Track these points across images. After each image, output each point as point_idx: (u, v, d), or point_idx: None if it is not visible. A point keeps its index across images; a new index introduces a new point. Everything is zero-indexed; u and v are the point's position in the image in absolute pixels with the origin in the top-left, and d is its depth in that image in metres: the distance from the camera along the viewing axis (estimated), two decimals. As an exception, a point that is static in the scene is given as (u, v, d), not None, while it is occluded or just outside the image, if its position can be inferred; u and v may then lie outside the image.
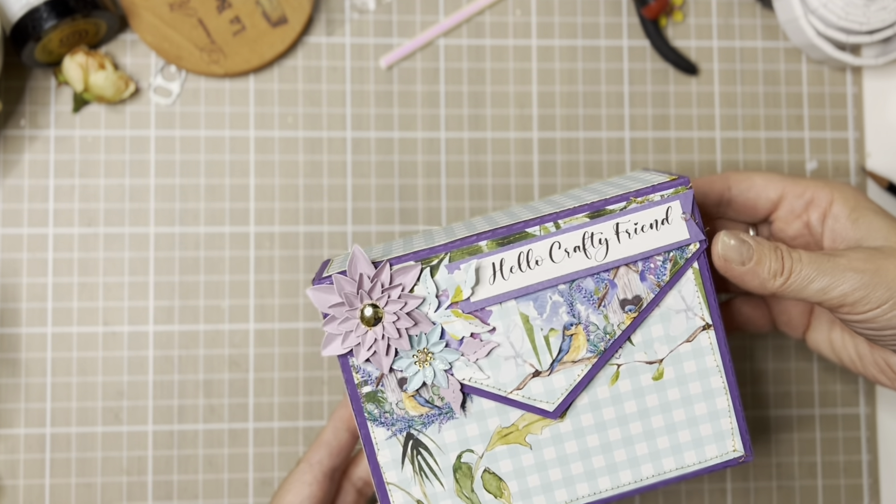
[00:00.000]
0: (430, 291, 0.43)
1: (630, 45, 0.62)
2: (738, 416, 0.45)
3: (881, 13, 0.59)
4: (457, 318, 0.44)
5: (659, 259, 0.44)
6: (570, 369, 0.44)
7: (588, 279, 0.44)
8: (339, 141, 0.60)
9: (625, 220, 0.44)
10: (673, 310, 0.45)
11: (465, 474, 0.45)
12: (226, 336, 0.59)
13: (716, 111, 0.63)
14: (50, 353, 0.58)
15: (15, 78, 0.59)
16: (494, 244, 0.43)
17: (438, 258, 0.43)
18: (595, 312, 0.44)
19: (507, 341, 0.44)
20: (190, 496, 0.58)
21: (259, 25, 0.59)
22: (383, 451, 0.45)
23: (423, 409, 0.44)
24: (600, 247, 0.44)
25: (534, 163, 0.61)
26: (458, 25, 0.62)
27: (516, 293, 0.44)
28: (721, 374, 0.45)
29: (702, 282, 0.45)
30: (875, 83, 0.64)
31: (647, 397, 0.45)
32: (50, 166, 0.59)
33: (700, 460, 0.45)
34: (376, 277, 0.43)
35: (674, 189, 0.44)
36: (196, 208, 0.59)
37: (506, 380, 0.44)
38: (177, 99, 0.60)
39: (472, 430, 0.45)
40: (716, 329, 0.45)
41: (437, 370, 0.44)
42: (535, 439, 0.45)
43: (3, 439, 0.57)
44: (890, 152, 0.63)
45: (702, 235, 0.44)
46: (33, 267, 0.58)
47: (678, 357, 0.45)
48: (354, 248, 0.42)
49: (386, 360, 0.43)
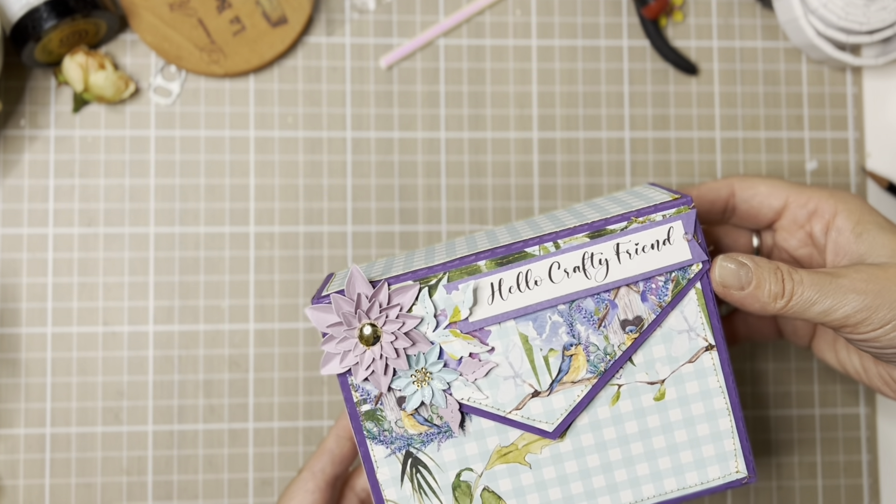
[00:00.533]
0: (429, 311, 0.43)
1: (630, 45, 0.62)
2: (742, 437, 0.45)
3: (881, 13, 0.59)
4: (455, 338, 0.43)
5: (661, 279, 0.44)
6: (570, 390, 0.44)
7: (588, 299, 0.43)
8: (340, 141, 0.60)
9: (625, 240, 0.43)
10: (675, 330, 0.44)
11: (464, 493, 0.45)
12: (226, 336, 0.59)
13: (716, 111, 0.63)
14: (50, 353, 0.58)
15: (15, 78, 0.59)
16: (493, 264, 0.43)
17: (437, 278, 0.43)
18: (595, 333, 0.44)
19: (505, 361, 0.44)
20: (190, 496, 0.58)
21: (259, 25, 0.59)
22: (382, 468, 0.45)
23: (422, 428, 0.44)
24: (600, 267, 0.43)
25: (534, 163, 0.61)
26: (458, 25, 0.62)
27: (515, 313, 0.43)
28: (724, 394, 0.45)
29: (704, 302, 0.44)
30: (875, 83, 0.64)
31: (649, 418, 0.44)
32: (50, 166, 0.59)
33: (702, 481, 0.45)
34: (374, 297, 0.42)
35: (676, 209, 0.43)
36: (196, 208, 0.59)
37: (505, 400, 0.44)
38: (177, 99, 0.60)
39: (472, 448, 0.44)
40: (719, 350, 0.44)
41: (436, 390, 0.43)
42: (534, 458, 0.44)
43: (3, 439, 0.57)
44: (890, 152, 0.63)
45: (704, 256, 0.43)
46: (33, 267, 0.58)
47: (680, 378, 0.44)
48: (352, 268, 0.42)
49: (384, 379, 0.43)
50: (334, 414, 0.59)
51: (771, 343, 0.61)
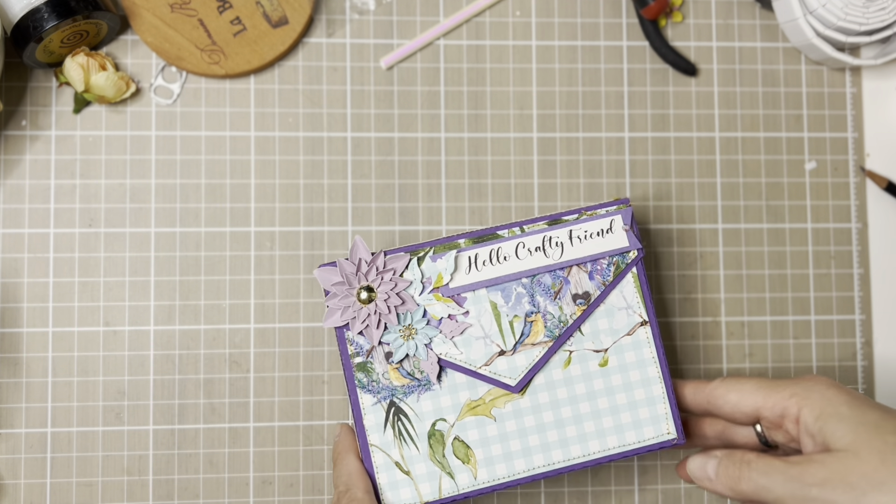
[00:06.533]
0: (417, 277, 0.51)
1: (629, 45, 0.63)
2: (672, 403, 0.52)
3: (880, 13, 0.59)
4: (437, 301, 0.51)
5: (604, 262, 0.53)
6: (530, 350, 0.52)
7: (546, 275, 0.52)
8: (340, 141, 0.61)
9: (577, 227, 0.53)
10: (616, 307, 0.53)
11: (437, 440, 0.51)
12: (226, 336, 0.59)
13: (715, 111, 0.63)
14: (51, 352, 0.58)
15: (16, 78, 0.59)
16: (471, 242, 0.52)
17: (425, 251, 0.52)
18: (552, 303, 0.52)
19: (478, 323, 0.52)
20: (190, 495, 0.58)
21: (260, 26, 0.59)
22: (369, 415, 0.51)
23: (405, 381, 0.51)
24: (557, 248, 0.52)
25: (534, 163, 0.61)
26: (458, 26, 0.62)
27: (487, 283, 0.52)
28: (656, 364, 0.53)
29: (640, 284, 0.53)
30: (874, 83, 0.64)
31: (595, 381, 0.52)
32: (51, 166, 0.59)
33: (639, 440, 0.52)
34: (373, 262, 0.51)
35: (616, 206, 0.53)
36: (197, 208, 0.60)
37: (476, 356, 0.52)
38: (177, 99, 0.60)
39: (446, 401, 0.51)
40: (651, 325, 0.53)
41: (419, 344, 0.51)
42: (499, 412, 0.51)
43: (5, 438, 0.58)
44: (889, 152, 0.64)
45: (639, 244, 0.53)
46: (34, 267, 0.58)
47: (620, 348, 0.52)
48: (356, 238, 0.51)
49: (376, 332, 0.51)
50: (334, 414, 0.59)
51: (771, 343, 0.61)
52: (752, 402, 0.50)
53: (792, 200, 0.63)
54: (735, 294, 0.62)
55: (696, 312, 0.62)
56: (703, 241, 0.62)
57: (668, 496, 0.61)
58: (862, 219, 0.63)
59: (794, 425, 0.49)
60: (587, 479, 0.60)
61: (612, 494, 0.60)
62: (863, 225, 0.63)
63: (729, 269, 0.62)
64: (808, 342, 0.62)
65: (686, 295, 0.62)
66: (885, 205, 0.63)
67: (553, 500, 0.60)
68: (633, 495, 0.60)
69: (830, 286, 0.63)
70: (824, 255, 0.63)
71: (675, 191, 0.62)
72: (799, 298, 0.62)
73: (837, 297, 0.63)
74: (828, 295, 0.62)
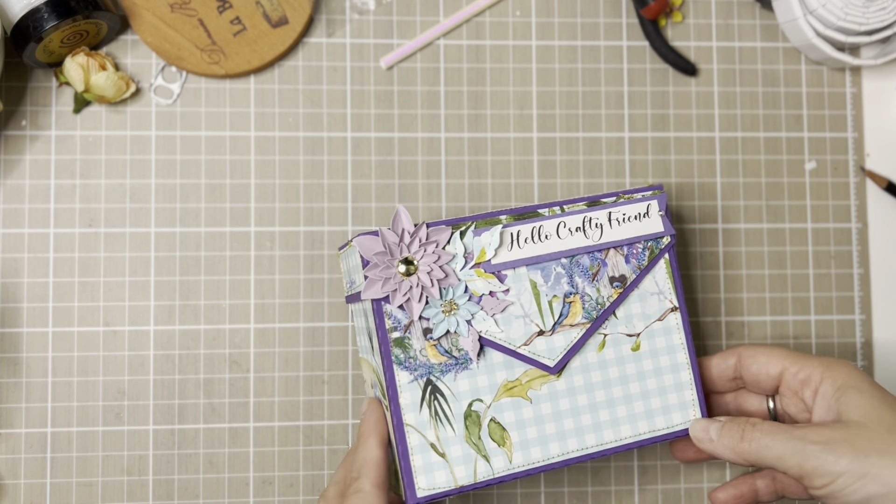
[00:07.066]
0: (459, 251, 0.50)
1: (629, 45, 0.63)
2: (699, 389, 0.53)
3: (880, 13, 0.59)
4: (479, 277, 0.50)
5: (640, 246, 0.53)
6: (569, 332, 0.51)
7: (585, 256, 0.52)
8: (340, 141, 0.61)
9: (616, 210, 0.53)
10: (649, 292, 0.53)
11: (474, 422, 0.50)
12: (226, 336, 0.59)
13: (715, 111, 0.63)
14: (51, 352, 0.58)
15: (16, 78, 0.59)
16: (512, 218, 0.51)
17: (466, 225, 0.50)
18: (590, 285, 0.52)
19: (518, 302, 0.51)
20: (190, 495, 0.58)
21: (259, 26, 0.59)
22: (405, 393, 0.49)
23: (442, 358, 0.50)
24: (596, 230, 0.52)
25: (534, 163, 0.61)
26: (458, 26, 0.62)
27: (528, 261, 0.51)
28: (685, 350, 0.53)
29: (671, 271, 0.53)
30: (874, 83, 0.64)
31: (627, 365, 0.52)
32: (51, 166, 0.59)
33: (668, 426, 0.52)
34: (415, 234, 0.49)
35: (653, 192, 0.54)
36: (197, 208, 0.60)
37: (515, 335, 0.50)
38: (177, 99, 0.60)
39: (483, 381, 0.50)
40: (681, 312, 0.53)
41: (461, 320, 0.50)
42: (535, 394, 0.51)
43: (5, 438, 0.58)
44: (889, 152, 0.64)
45: (672, 230, 0.53)
46: (34, 267, 0.58)
47: (652, 333, 0.53)
48: (399, 207, 0.49)
49: (417, 306, 0.49)
50: (334, 414, 0.59)
51: (770, 333, 0.61)
52: (780, 364, 0.52)
53: (792, 200, 0.63)
54: (735, 294, 0.62)
55: (697, 312, 0.62)
56: (703, 241, 0.62)
57: (668, 496, 0.61)
58: (862, 219, 0.63)
59: (812, 395, 0.50)
60: (587, 479, 0.60)
61: (612, 494, 0.60)
62: (863, 225, 0.63)
63: (729, 269, 0.62)
64: (808, 342, 0.62)
65: (686, 295, 0.62)
66: (885, 205, 0.63)
67: (553, 500, 0.60)
68: (633, 495, 0.60)
69: (830, 286, 0.63)
70: (824, 255, 0.63)
71: (676, 191, 0.62)
72: (799, 298, 0.62)
73: (837, 297, 0.63)
74: (828, 295, 0.62)
